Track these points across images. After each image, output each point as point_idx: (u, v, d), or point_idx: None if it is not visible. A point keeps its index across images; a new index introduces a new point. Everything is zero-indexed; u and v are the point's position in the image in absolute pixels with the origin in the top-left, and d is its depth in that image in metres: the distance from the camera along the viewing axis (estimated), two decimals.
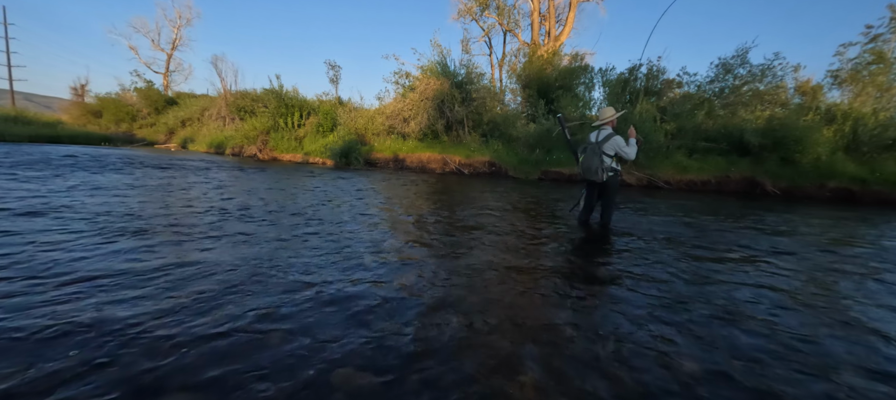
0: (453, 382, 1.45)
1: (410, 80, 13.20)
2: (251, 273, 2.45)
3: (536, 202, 6.20)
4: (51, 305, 1.87)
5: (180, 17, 31.88)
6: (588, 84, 13.63)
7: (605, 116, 4.04)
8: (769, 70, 10.77)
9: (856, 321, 2.12)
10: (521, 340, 1.78)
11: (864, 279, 2.86)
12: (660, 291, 2.44)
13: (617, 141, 3.90)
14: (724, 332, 1.94)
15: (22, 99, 34.00)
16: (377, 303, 2.11)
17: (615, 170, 3.99)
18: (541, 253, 3.24)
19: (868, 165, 8.60)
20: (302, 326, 1.81)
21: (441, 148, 12.23)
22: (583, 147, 4.14)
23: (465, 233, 3.84)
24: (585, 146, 4.07)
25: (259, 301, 2.05)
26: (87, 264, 2.43)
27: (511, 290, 2.39)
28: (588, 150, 3.97)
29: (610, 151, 3.91)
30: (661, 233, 4.15)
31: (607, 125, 4.04)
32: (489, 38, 23.29)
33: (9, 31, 31.95)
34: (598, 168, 3.88)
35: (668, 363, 1.63)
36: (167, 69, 31.92)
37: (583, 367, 1.59)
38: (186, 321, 1.80)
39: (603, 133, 3.99)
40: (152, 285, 2.18)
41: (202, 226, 3.59)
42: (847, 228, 4.93)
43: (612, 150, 3.91)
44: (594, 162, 3.89)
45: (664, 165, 9.70)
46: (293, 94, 15.75)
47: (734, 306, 2.25)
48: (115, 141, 19.72)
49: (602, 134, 3.99)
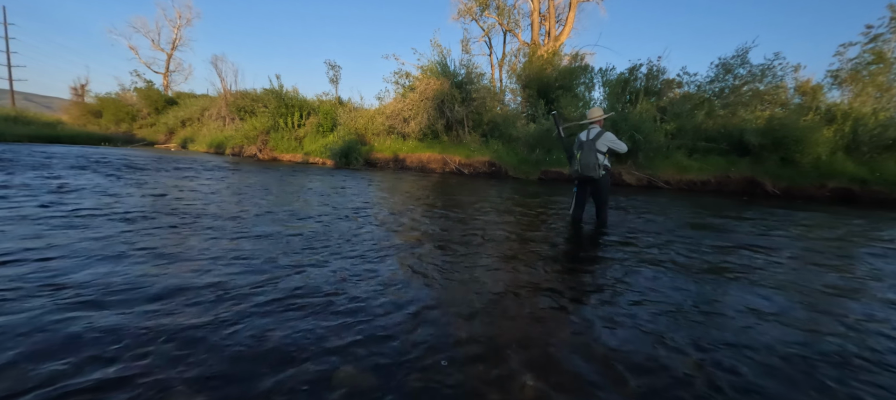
0: (454, 381, 1.45)
1: (410, 80, 13.20)
2: (250, 272, 2.45)
3: (536, 202, 6.20)
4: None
5: (180, 17, 31.96)
6: (588, 84, 13.64)
7: (594, 116, 4.20)
8: (769, 70, 10.78)
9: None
10: (521, 341, 1.78)
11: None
12: (661, 292, 2.44)
13: (608, 137, 4.04)
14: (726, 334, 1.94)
15: (22, 99, 34.02)
16: (377, 302, 2.11)
17: (607, 168, 4.10)
18: (541, 253, 3.24)
19: (868, 165, 8.60)
20: (302, 326, 1.81)
21: (441, 148, 12.23)
22: (577, 145, 4.19)
23: (465, 233, 3.84)
24: (580, 145, 4.12)
25: (256, 301, 2.06)
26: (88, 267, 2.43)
27: (512, 290, 2.39)
28: (585, 148, 4.03)
29: (603, 148, 4.03)
30: (663, 233, 4.15)
31: (595, 124, 4.17)
32: (489, 38, 23.31)
33: (9, 31, 31.98)
34: (594, 165, 3.98)
35: (667, 365, 1.63)
36: (167, 69, 31.98)
37: (583, 367, 1.59)
38: (193, 315, 1.81)
39: (593, 131, 4.10)
40: (153, 285, 2.19)
41: (202, 224, 3.60)
42: (850, 227, 4.93)
43: (604, 147, 4.03)
44: (591, 158, 3.97)
45: (664, 165, 9.70)
46: (293, 94, 15.76)
47: (740, 307, 2.26)
48: (115, 141, 19.74)
49: (592, 132, 4.10)
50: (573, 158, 4.20)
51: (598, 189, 4.18)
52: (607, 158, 4.09)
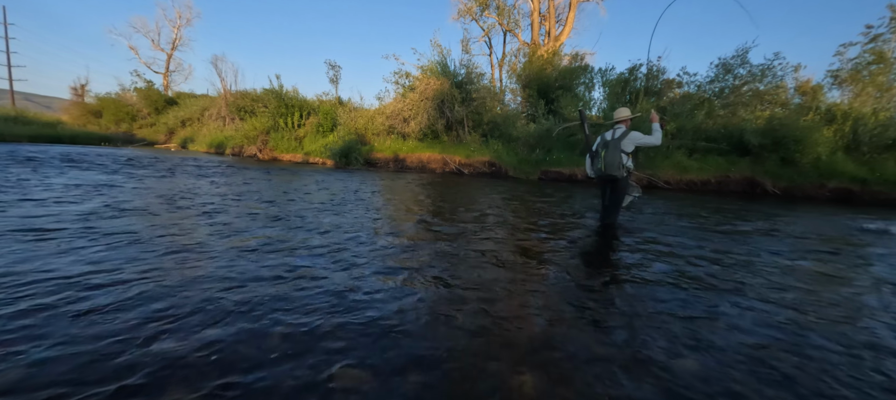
0: (453, 383, 1.45)
1: (410, 80, 13.20)
2: (248, 272, 2.45)
3: (536, 202, 6.20)
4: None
5: (180, 17, 31.96)
6: (588, 84, 13.65)
7: (621, 116, 4.11)
8: (769, 70, 10.79)
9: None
10: (522, 342, 1.78)
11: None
12: (664, 293, 2.44)
13: (634, 136, 3.96)
14: (729, 334, 1.94)
15: (22, 99, 34.02)
16: (377, 302, 2.11)
17: (629, 169, 4.04)
18: (542, 254, 3.24)
19: (868, 165, 8.61)
20: (301, 325, 1.81)
21: (441, 148, 12.24)
22: (601, 144, 4.12)
23: (465, 232, 3.84)
24: (605, 143, 4.06)
25: (256, 300, 2.05)
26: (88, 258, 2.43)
27: (512, 290, 2.39)
28: (609, 147, 3.98)
29: (628, 148, 3.96)
30: (664, 233, 4.15)
31: (622, 124, 4.09)
32: (489, 38, 23.34)
33: (9, 31, 31.98)
34: (618, 164, 3.93)
35: (668, 367, 1.63)
36: (167, 69, 31.97)
37: (583, 368, 1.59)
38: (189, 319, 1.81)
39: (618, 131, 4.04)
40: (152, 283, 2.19)
41: (200, 223, 3.60)
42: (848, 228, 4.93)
43: (631, 146, 3.97)
44: (615, 157, 3.93)
45: (664, 165, 9.71)
46: (293, 94, 15.76)
47: (744, 310, 2.26)
48: (115, 141, 19.73)
49: (617, 132, 4.04)
50: (596, 158, 4.12)
51: (616, 188, 4.14)
52: (631, 160, 4.03)
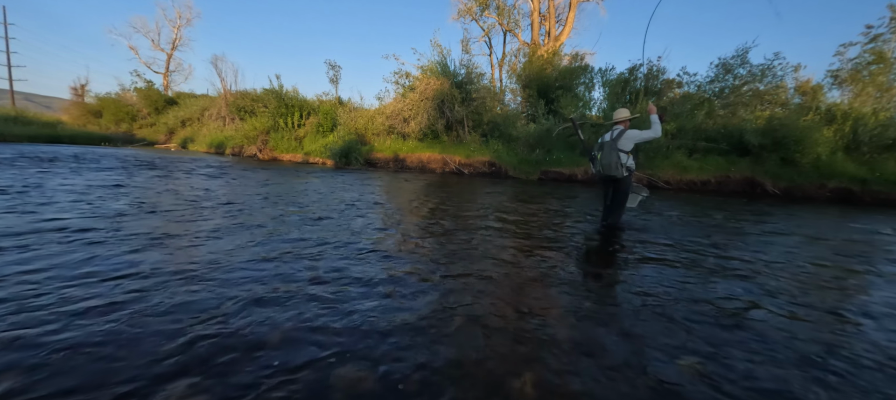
0: (453, 383, 1.45)
1: (410, 80, 13.18)
2: (246, 273, 2.45)
3: (536, 202, 6.20)
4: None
5: (180, 17, 31.94)
6: (588, 84, 13.62)
7: (620, 117, 4.12)
8: (769, 70, 10.78)
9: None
10: (522, 342, 1.78)
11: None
12: (665, 293, 2.44)
13: (631, 134, 3.96)
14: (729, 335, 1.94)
15: (22, 99, 34.00)
16: (378, 300, 2.11)
17: (630, 169, 4.04)
18: (543, 254, 3.24)
19: (868, 165, 8.60)
20: (301, 324, 1.81)
21: (441, 148, 12.23)
22: (598, 146, 4.15)
23: (466, 232, 3.84)
24: (602, 145, 4.09)
25: (257, 300, 2.06)
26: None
27: (512, 290, 2.39)
28: (605, 148, 4.00)
29: (626, 147, 3.96)
30: (664, 233, 4.15)
31: (620, 125, 4.10)
32: (489, 38, 23.32)
33: (9, 31, 31.97)
34: (616, 164, 3.94)
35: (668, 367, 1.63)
36: (167, 69, 31.95)
37: (583, 368, 1.59)
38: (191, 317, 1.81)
39: (616, 131, 4.06)
40: (151, 283, 2.19)
41: (199, 223, 3.59)
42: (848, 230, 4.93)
43: (629, 146, 3.96)
44: (612, 158, 3.94)
45: (664, 165, 9.70)
46: (293, 94, 15.74)
47: (747, 309, 2.26)
48: (114, 141, 19.72)
49: (615, 132, 4.06)
50: (594, 160, 4.15)
51: (619, 189, 4.13)
52: (632, 159, 4.02)
